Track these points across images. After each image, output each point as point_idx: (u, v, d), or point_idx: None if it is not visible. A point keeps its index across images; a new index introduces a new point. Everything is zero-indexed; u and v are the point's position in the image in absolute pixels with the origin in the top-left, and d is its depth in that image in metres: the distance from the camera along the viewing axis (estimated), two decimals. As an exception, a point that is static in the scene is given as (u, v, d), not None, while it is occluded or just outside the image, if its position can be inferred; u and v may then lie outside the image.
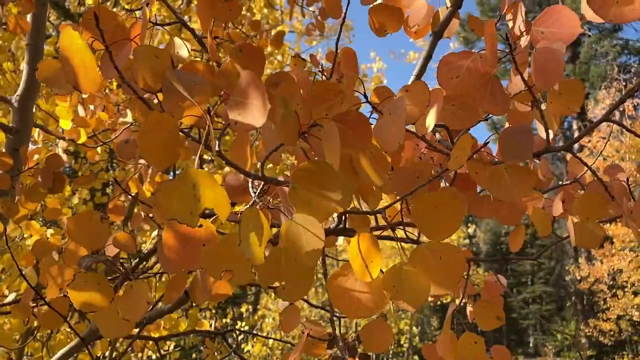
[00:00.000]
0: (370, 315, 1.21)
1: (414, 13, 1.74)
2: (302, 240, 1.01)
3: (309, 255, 1.00)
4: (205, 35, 1.46)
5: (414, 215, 1.23)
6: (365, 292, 1.20)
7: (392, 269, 1.19)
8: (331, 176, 1.04)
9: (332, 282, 1.22)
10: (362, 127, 1.18)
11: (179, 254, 1.14)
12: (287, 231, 1.02)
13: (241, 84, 1.00)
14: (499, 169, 1.35)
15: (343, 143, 1.16)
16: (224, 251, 1.02)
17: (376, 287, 1.20)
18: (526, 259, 2.23)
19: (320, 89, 1.28)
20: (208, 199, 0.97)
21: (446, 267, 1.19)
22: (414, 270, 1.18)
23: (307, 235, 1.01)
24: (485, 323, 1.87)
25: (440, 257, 1.20)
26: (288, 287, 1.05)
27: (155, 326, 4.20)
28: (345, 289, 1.21)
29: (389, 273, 1.19)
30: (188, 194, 0.95)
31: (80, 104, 3.42)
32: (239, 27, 4.58)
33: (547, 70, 1.19)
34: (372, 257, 1.17)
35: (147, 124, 0.94)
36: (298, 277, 1.06)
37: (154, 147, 0.97)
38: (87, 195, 6.04)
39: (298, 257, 1.00)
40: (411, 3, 1.75)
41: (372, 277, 1.17)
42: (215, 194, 0.97)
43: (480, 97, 1.28)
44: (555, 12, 1.27)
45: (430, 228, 1.21)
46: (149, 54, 1.14)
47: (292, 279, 1.06)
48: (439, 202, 1.21)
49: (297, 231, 1.01)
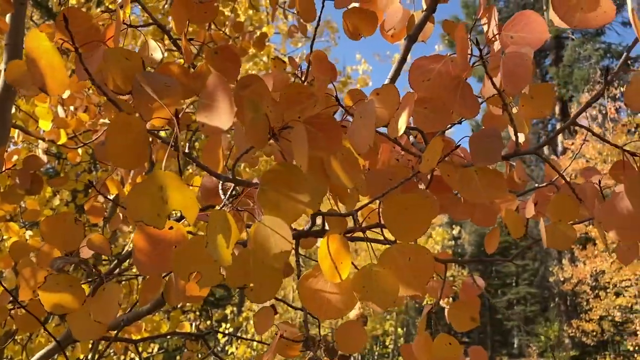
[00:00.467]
0: (340, 316, 1.22)
1: (390, 17, 1.76)
2: (270, 242, 1.01)
3: (277, 257, 1.01)
4: (179, 37, 1.46)
5: (384, 217, 1.25)
6: (336, 293, 1.21)
7: (362, 270, 1.20)
8: (300, 178, 1.05)
9: (303, 283, 1.23)
10: (333, 129, 1.19)
11: (150, 256, 1.14)
12: (255, 233, 1.02)
13: (208, 86, 1.01)
14: (470, 171, 1.37)
15: (313, 145, 1.17)
16: (192, 253, 1.03)
17: (346, 288, 1.21)
18: (502, 260, 2.26)
19: (293, 92, 1.28)
20: (176, 201, 0.97)
21: (415, 268, 1.20)
22: (383, 271, 1.19)
23: (275, 237, 1.01)
24: (460, 324, 1.89)
25: (409, 259, 1.21)
26: (256, 288, 1.06)
27: (136, 328, 4.17)
28: (315, 290, 1.22)
29: (359, 274, 1.20)
30: (155, 196, 0.96)
31: (60, 105, 3.40)
32: (222, 28, 4.58)
33: (516, 74, 1.21)
34: (342, 259, 1.18)
35: (114, 125, 0.95)
36: (266, 278, 1.07)
37: (121, 149, 0.97)
38: (68, 196, 5.99)
39: (266, 258, 1.01)
40: (387, 7, 1.76)
41: (342, 278, 1.18)
42: (183, 196, 0.97)
43: (450, 100, 1.30)
44: (525, 18, 1.30)
45: (400, 229, 1.23)
46: (120, 56, 1.14)
47: (260, 281, 1.06)
48: (409, 204, 1.22)
49: (265, 233, 1.02)
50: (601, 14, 1.14)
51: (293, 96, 1.29)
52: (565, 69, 31.34)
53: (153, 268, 1.17)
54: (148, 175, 0.97)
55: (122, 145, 0.97)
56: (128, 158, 0.98)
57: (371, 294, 1.18)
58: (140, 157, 0.98)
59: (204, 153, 1.26)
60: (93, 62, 1.30)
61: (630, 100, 1.08)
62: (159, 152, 1.82)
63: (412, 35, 1.71)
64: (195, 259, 1.02)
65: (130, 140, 0.98)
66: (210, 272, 1.01)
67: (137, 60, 1.16)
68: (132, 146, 0.98)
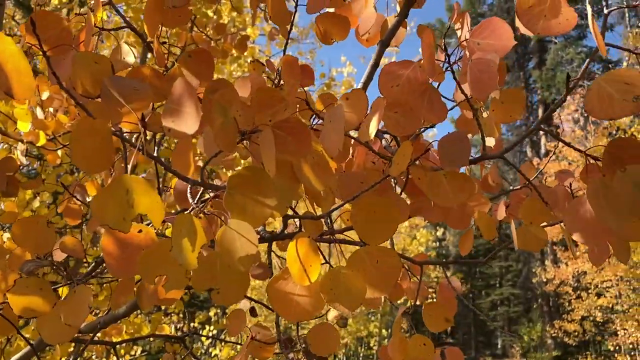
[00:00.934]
0: (308, 318, 1.23)
1: (364, 22, 1.78)
2: (236, 246, 1.02)
3: (243, 260, 1.02)
4: (151, 40, 1.47)
5: (353, 220, 1.26)
6: (305, 295, 1.23)
7: (330, 272, 1.22)
8: (266, 182, 1.07)
9: (272, 285, 1.24)
10: (302, 133, 1.20)
11: (119, 259, 1.14)
12: (222, 236, 1.03)
13: (175, 91, 1.02)
14: (439, 175, 1.39)
15: (283, 149, 1.19)
16: (158, 256, 1.03)
17: (315, 291, 1.22)
18: (475, 262, 2.28)
19: (264, 96, 1.29)
20: (142, 204, 0.98)
21: (382, 271, 1.22)
22: (351, 273, 1.20)
23: (241, 241, 1.03)
24: (434, 325, 1.91)
25: (377, 261, 1.23)
26: (222, 291, 1.07)
27: (116, 331, 4.15)
28: (284, 293, 1.23)
29: (327, 276, 1.21)
30: (121, 199, 0.96)
31: (39, 106, 3.37)
32: (204, 30, 4.57)
33: (481, 80, 1.23)
34: (311, 261, 1.19)
35: (78, 130, 0.95)
36: (232, 281, 1.08)
37: (85, 153, 0.98)
38: (49, 198, 5.93)
39: (232, 262, 1.02)
40: (361, 12, 1.78)
41: (311, 281, 1.19)
42: (150, 199, 0.98)
43: (418, 106, 1.32)
44: (492, 25, 1.32)
45: (368, 232, 1.24)
46: (89, 59, 1.14)
47: (226, 284, 1.07)
48: (377, 207, 1.24)
49: (232, 236, 1.03)
50: (563, 21, 1.17)
51: (264, 100, 1.30)
52: (548, 72, 31.71)
53: (123, 271, 1.17)
54: (114, 179, 0.97)
55: (87, 149, 0.98)
56: (93, 162, 0.98)
57: (338, 296, 1.19)
58: (106, 161, 0.99)
59: (173, 157, 1.27)
60: (64, 66, 1.30)
61: (590, 107, 1.11)
62: (138, 156, 1.82)
63: (385, 40, 1.73)
64: (161, 262, 1.03)
65: (95, 144, 0.98)
66: (176, 275, 1.02)
67: (106, 64, 1.16)
68: (97, 150, 0.98)
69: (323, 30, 1.61)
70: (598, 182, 1.23)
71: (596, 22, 1.13)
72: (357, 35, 1.83)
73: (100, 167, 1.00)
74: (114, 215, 0.96)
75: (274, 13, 1.57)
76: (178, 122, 0.99)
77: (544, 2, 1.17)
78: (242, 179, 1.07)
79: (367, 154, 1.73)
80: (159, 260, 1.03)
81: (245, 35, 4.50)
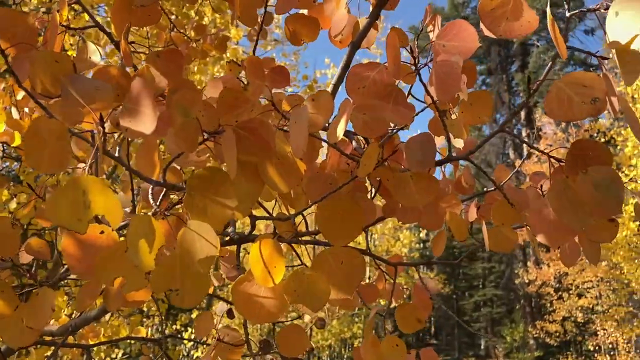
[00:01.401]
0: (272, 320, 1.23)
1: (336, 23, 1.78)
2: (196, 247, 1.02)
3: (203, 261, 1.01)
4: (118, 39, 1.45)
5: (318, 221, 1.26)
6: (269, 297, 1.22)
7: (294, 273, 1.22)
8: (227, 183, 1.06)
9: (237, 287, 1.23)
10: (265, 134, 1.20)
11: (80, 260, 1.13)
12: (182, 238, 1.03)
13: (132, 91, 1.01)
14: (405, 176, 1.40)
15: (246, 150, 1.18)
16: (115, 258, 1.02)
17: (279, 292, 1.22)
18: (448, 263, 2.30)
19: (230, 96, 1.29)
20: (98, 205, 0.96)
21: (346, 272, 1.22)
22: (315, 274, 1.20)
23: (201, 242, 1.02)
24: (406, 326, 1.91)
25: (342, 262, 1.23)
26: (182, 293, 1.06)
27: (93, 333, 4.11)
28: (249, 295, 1.22)
29: (291, 278, 1.21)
30: (77, 200, 0.95)
31: (14, 106, 3.33)
32: (183, 30, 4.54)
33: (445, 82, 1.24)
34: (275, 262, 1.19)
35: (32, 130, 0.94)
36: (192, 283, 1.06)
37: (39, 153, 0.96)
38: (26, 199, 5.85)
39: (192, 263, 1.01)
40: (333, 13, 1.78)
41: (275, 283, 1.19)
42: (106, 200, 0.97)
43: (383, 107, 1.32)
44: (457, 27, 1.33)
45: (333, 233, 1.24)
46: (48, 58, 1.13)
47: (186, 285, 1.06)
48: (341, 209, 1.24)
49: (191, 238, 1.02)
50: (525, 23, 1.18)
51: (230, 101, 1.29)
52: (530, 75, 31.98)
53: (85, 273, 1.16)
54: (70, 179, 0.96)
55: (41, 149, 0.97)
56: (47, 162, 0.97)
57: (302, 297, 1.19)
58: (60, 161, 0.97)
59: (137, 157, 1.26)
60: (27, 64, 1.28)
61: (549, 108, 1.12)
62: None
63: (356, 42, 1.73)
64: (119, 264, 1.02)
65: (49, 144, 0.97)
66: (134, 277, 1.01)
67: (67, 63, 1.15)
68: (52, 150, 0.97)
69: (292, 31, 1.60)
70: (560, 183, 1.24)
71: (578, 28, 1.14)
72: (330, 37, 1.83)
73: (55, 168, 0.98)
74: (69, 216, 0.94)
75: (242, 14, 1.56)
76: (135, 122, 0.98)
77: (506, 5, 1.18)
78: (203, 180, 1.06)
79: (341, 156, 1.73)
80: (117, 262, 1.02)
81: (225, 35, 4.48)
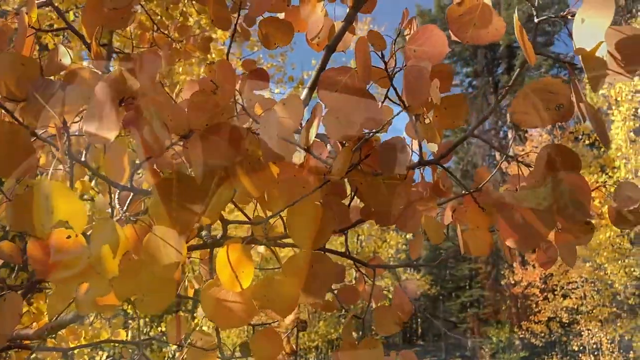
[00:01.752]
0: (241, 325, 1.23)
1: (312, 26, 1.78)
2: (161, 253, 1.01)
3: (167, 268, 1.00)
4: (89, 40, 1.44)
5: (288, 225, 1.26)
6: (238, 302, 1.22)
7: (264, 278, 1.21)
8: (193, 188, 1.05)
9: (205, 292, 1.22)
10: (235, 138, 1.19)
11: (44, 265, 1.12)
12: (147, 243, 1.02)
13: (96, 95, 1.00)
14: (377, 180, 1.40)
15: (216, 154, 1.18)
16: (79, 263, 1.01)
17: (248, 297, 1.22)
18: (427, 265, 2.30)
19: (200, 100, 1.28)
20: (62, 210, 0.95)
21: (316, 276, 1.22)
22: (285, 279, 1.20)
23: (166, 248, 1.01)
24: (383, 328, 1.92)
25: (312, 266, 1.23)
26: (147, 299, 1.05)
27: (74, 336, 4.07)
28: (217, 299, 1.21)
29: (260, 282, 1.21)
30: (40, 205, 0.94)
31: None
32: (166, 31, 4.51)
33: (414, 87, 1.24)
34: (243, 267, 1.18)
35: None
36: (157, 289, 1.06)
37: (4, 159, 0.95)
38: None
39: (156, 269, 1.00)
40: (309, 17, 1.78)
41: (243, 287, 1.18)
42: (70, 205, 0.96)
43: (354, 111, 1.33)
44: (427, 32, 1.33)
45: (302, 238, 1.24)
46: (14, 61, 1.11)
47: (151, 292, 1.06)
48: (309, 213, 1.24)
49: (156, 244, 1.01)
50: (492, 30, 1.19)
51: (201, 104, 1.29)
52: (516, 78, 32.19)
53: (51, 277, 1.14)
54: (33, 184, 0.95)
55: (6, 155, 0.95)
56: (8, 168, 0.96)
57: (271, 302, 1.19)
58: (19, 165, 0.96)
59: (105, 161, 1.25)
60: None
61: (515, 115, 1.13)
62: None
63: (331, 45, 1.73)
64: (83, 269, 1.01)
65: (14, 150, 0.96)
66: (98, 283, 1.00)
67: (33, 66, 1.14)
68: (16, 156, 0.96)
69: (264, 34, 1.60)
70: (528, 187, 1.25)
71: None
72: (307, 40, 1.83)
73: (19, 173, 0.97)
74: (32, 222, 0.93)
75: (215, 17, 1.56)
76: (98, 127, 0.97)
77: (474, 11, 1.19)
78: (169, 185, 1.06)
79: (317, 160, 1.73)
80: (81, 267, 1.01)
81: (208, 36, 4.47)
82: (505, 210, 1.35)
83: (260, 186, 1.29)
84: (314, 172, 1.70)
